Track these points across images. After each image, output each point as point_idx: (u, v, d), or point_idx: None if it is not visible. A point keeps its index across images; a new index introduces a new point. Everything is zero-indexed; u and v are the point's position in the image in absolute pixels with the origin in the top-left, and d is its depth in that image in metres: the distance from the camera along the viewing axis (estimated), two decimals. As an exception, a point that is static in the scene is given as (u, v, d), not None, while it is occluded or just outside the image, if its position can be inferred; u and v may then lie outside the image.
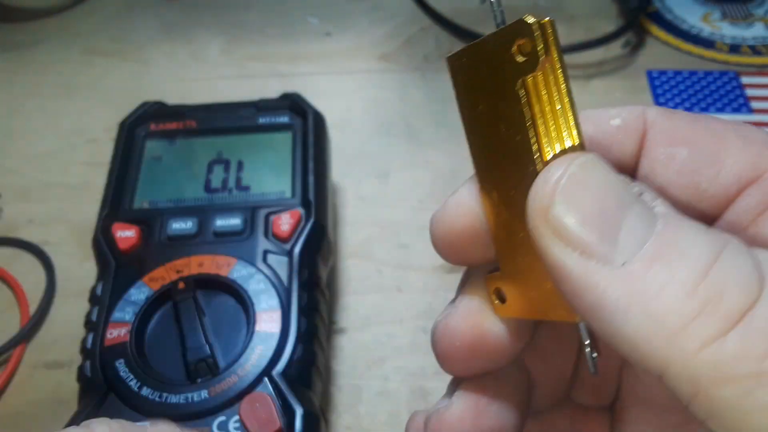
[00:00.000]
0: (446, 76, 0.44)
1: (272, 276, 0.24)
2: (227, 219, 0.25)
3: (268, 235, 0.25)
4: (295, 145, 0.28)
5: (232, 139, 0.29)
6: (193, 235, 0.25)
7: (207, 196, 0.27)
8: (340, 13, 0.43)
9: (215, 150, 0.29)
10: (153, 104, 0.30)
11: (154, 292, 0.23)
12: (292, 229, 0.25)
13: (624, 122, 0.14)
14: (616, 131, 0.14)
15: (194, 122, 0.29)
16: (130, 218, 0.26)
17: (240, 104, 0.30)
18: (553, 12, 0.42)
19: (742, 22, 0.41)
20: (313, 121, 0.29)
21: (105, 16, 0.44)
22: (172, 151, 0.29)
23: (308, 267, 0.25)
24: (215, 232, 0.25)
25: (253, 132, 0.29)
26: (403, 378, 0.27)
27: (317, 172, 0.27)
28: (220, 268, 0.24)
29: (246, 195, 0.27)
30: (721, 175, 0.13)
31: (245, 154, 0.28)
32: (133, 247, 0.25)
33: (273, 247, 0.25)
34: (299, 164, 0.28)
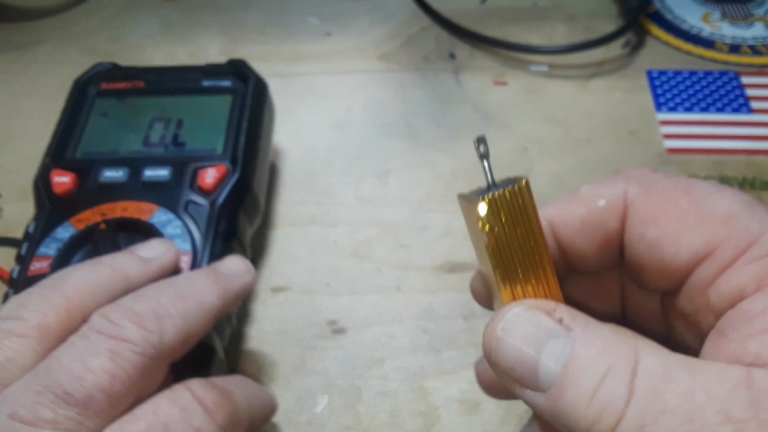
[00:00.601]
0: (446, 76, 0.44)
1: (191, 223, 0.26)
2: (156, 170, 0.27)
3: (193, 186, 0.27)
4: (233, 107, 0.30)
5: (176, 100, 0.31)
6: (123, 183, 0.27)
7: (144, 150, 0.29)
8: (341, 13, 0.43)
9: (158, 109, 0.31)
10: (107, 64, 0.33)
11: (78, 231, 0.26)
12: (215, 183, 0.27)
13: (608, 203, 0.17)
14: (602, 212, 0.17)
15: (143, 83, 0.31)
16: (69, 166, 0.28)
17: (187, 68, 0.32)
18: (553, 12, 0.43)
19: (742, 22, 0.41)
20: (254, 86, 0.31)
21: (105, 16, 0.44)
22: (119, 108, 0.31)
23: (227, 219, 0.27)
24: (144, 182, 0.27)
25: (196, 94, 0.31)
26: (403, 378, 0.27)
27: (249, 133, 0.29)
28: (141, 213, 0.26)
29: (180, 150, 0.29)
30: (680, 252, 0.15)
31: (186, 113, 0.30)
32: (67, 191, 0.27)
33: (196, 198, 0.27)
34: (234, 125, 0.29)
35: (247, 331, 0.28)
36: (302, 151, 0.35)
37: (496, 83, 0.38)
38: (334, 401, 0.26)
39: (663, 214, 0.16)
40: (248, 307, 0.29)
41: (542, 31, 0.41)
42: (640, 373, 0.14)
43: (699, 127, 0.35)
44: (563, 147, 0.35)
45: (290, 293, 0.29)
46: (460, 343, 0.27)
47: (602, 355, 0.14)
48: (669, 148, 0.34)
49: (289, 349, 0.28)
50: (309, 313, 0.29)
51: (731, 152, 0.34)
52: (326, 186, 0.34)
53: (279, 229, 0.32)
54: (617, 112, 0.36)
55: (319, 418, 0.26)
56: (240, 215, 0.28)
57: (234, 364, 0.27)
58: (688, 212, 0.15)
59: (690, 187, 0.16)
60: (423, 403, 0.26)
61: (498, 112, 0.37)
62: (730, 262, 0.15)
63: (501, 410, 0.25)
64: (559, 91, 0.38)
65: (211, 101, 0.31)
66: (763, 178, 0.33)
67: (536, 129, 0.36)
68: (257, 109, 0.31)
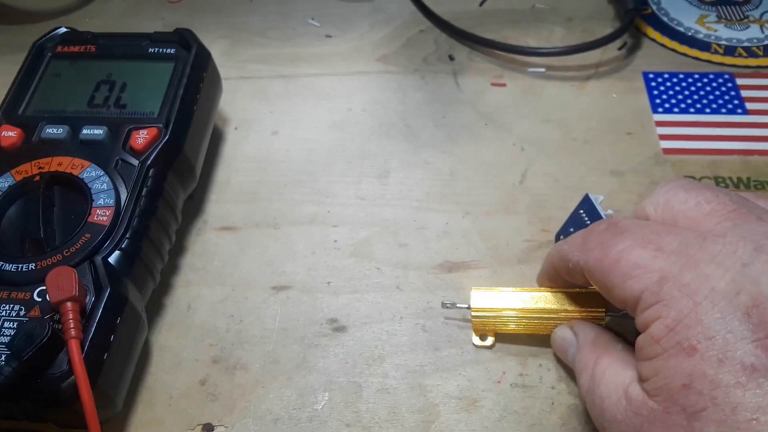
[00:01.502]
0: (445, 77, 0.44)
1: (118, 181, 0.28)
2: (93, 129, 0.29)
3: (125, 146, 0.29)
4: (174, 74, 0.32)
5: (123, 64, 0.33)
6: (62, 140, 0.29)
7: (87, 110, 0.31)
8: (341, 16, 0.44)
9: (106, 72, 0.32)
10: (64, 29, 0.34)
11: (16, 182, 0.28)
12: (146, 143, 0.29)
13: (573, 266, 0.24)
14: (573, 270, 0.24)
15: (94, 47, 0.33)
16: (17, 122, 0.30)
17: (137, 35, 0.34)
18: (550, 14, 0.43)
19: (737, 25, 0.42)
20: (195, 55, 0.33)
21: (109, 18, 0.45)
22: (70, 70, 0.33)
23: (154, 179, 0.28)
24: (81, 140, 0.29)
25: (142, 59, 0.33)
26: (402, 375, 0.27)
27: (185, 98, 0.31)
28: (74, 169, 0.28)
29: (120, 111, 0.31)
30: (614, 301, 0.22)
31: (130, 77, 0.32)
32: (12, 145, 0.29)
33: (127, 157, 0.29)
34: (173, 91, 0.31)
35: (249, 329, 0.29)
36: (303, 151, 0.36)
37: (494, 84, 0.39)
38: (335, 398, 0.26)
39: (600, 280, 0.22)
40: (185, 242, 0.29)
41: (540, 33, 0.42)
42: (596, 370, 0.23)
43: (694, 128, 0.36)
44: (560, 147, 0.35)
45: (291, 292, 0.30)
46: (459, 341, 0.28)
47: (583, 356, 0.24)
48: (665, 149, 0.35)
49: (290, 346, 0.28)
50: (310, 311, 0.29)
51: (726, 153, 0.34)
52: (327, 186, 0.34)
53: (280, 228, 0.32)
54: (614, 113, 0.37)
55: (319, 414, 0.26)
56: (170, 177, 0.29)
57: (236, 362, 0.28)
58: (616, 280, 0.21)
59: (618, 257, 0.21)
60: (422, 400, 0.26)
61: (496, 113, 0.37)
62: (639, 311, 0.20)
63: (499, 407, 0.26)
64: (557, 93, 0.38)
65: (154, 67, 0.32)
66: (757, 178, 0.33)
67: (534, 130, 0.36)
68: (196, 77, 0.32)
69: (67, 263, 0.25)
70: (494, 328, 0.27)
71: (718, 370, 0.17)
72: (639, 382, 0.20)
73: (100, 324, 0.24)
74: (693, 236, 0.20)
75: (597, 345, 0.23)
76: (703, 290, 0.18)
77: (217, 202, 0.34)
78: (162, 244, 0.28)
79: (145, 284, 0.27)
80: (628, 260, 0.20)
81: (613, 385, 0.21)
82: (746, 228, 0.19)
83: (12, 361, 0.22)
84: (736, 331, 0.18)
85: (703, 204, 0.21)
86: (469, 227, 0.32)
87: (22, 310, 0.24)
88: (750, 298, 0.18)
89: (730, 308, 0.18)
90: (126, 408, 0.26)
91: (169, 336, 0.29)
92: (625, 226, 0.21)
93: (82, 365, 0.22)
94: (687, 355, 0.18)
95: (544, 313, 0.26)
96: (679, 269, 0.19)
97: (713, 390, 0.17)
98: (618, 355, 0.22)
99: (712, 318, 0.18)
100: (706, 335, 0.18)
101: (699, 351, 0.18)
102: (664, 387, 0.18)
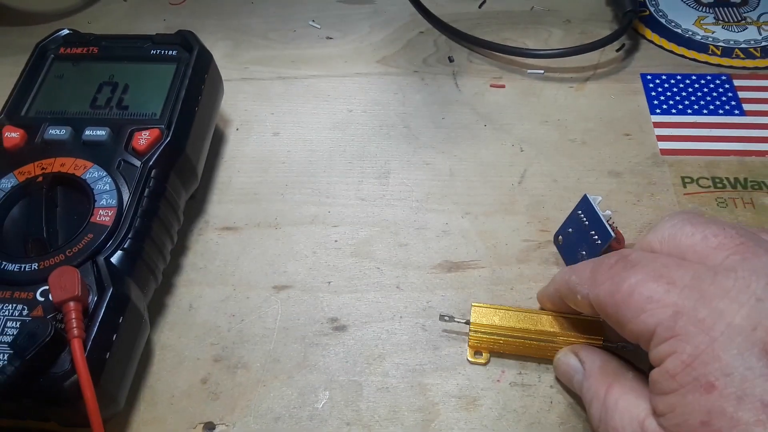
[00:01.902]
0: (444, 78, 0.45)
1: (120, 181, 0.28)
2: (95, 130, 0.30)
3: (128, 147, 0.29)
4: (176, 75, 0.32)
5: (125, 66, 0.33)
6: (65, 140, 0.29)
7: (89, 111, 0.31)
8: (341, 18, 0.44)
9: (108, 74, 0.33)
10: (67, 30, 0.35)
11: (19, 182, 0.28)
12: (148, 144, 0.29)
13: (582, 298, 0.24)
14: (582, 302, 0.24)
15: (97, 49, 0.34)
16: (20, 123, 0.30)
17: (139, 37, 0.34)
18: (549, 16, 0.43)
19: (734, 26, 0.42)
20: (197, 57, 0.33)
21: (112, 20, 0.45)
22: (73, 71, 0.33)
23: (156, 179, 0.28)
24: (84, 141, 0.29)
25: (144, 61, 0.33)
26: (402, 374, 0.27)
27: (187, 100, 0.31)
28: (76, 169, 0.28)
29: (122, 113, 0.31)
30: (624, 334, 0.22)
31: (132, 79, 0.32)
32: (15, 146, 0.29)
33: (129, 158, 0.29)
34: (175, 92, 0.31)
35: (250, 329, 0.29)
36: (304, 152, 0.36)
37: (493, 86, 0.39)
38: (335, 397, 0.27)
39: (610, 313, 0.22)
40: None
41: (538, 35, 0.42)
42: (608, 400, 0.22)
43: (692, 129, 0.36)
44: (559, 148, 0.35)
45: (292, 291, 0.30)
46: (458, 340, 0.28)
47: (593, 385, 0.24)
48: (663, 150, 0.35)
49: (291, 345, 0.28)
50: (311, 310, 0.29)
51: (724, 153, 0.35)
52: (327, 186, 0.34)
53: (281, 228, 0.33)
54: (612, 114, 0.37)
55: (320, 413, 0.26)
56: (172, 178, 0.29)
57: (237, 361, 0.28)
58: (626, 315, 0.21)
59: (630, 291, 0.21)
60: (422, 398, 0.26)
61: (495, 114, 0.37)
62: (654, 345, 0.20)
63: (498, 405, 0.26)
64: (555, 94, 0.38)
65: (156, 69, 0.33)
66: (754, 178, 0.33)
67: (532, 131, 0.36)
68: (197, 78, 0.32)
69: (69, 263, 0.25)
70: (490, 346, 0.27)
71: (737, 408, 0.17)
72: (654, 417, 0.20)
73: (103, 323, 0.24)
74: (704, 270, 0.20)
75: (606, 373, 0.23)
76: (719, 326, 0.18)
77: (219, 203, 0.34)
78: (164, 244, 0.29)
79: (147, 284, 0.27)
80: (640, 294, 0.20)
81: (628, 417, 0.21)
82: (756, 262, 0.19)
83: (15, 360, 0.22)
84: (754, 367, 0.18)
85: (710, 238, 0.21)
86: (469, 227, 0.32)
87: (25, 309, 0.24)
88: (767, 334, 0.18)
89: (747, 344, 0.18)
90: (128, 406, 0.26)
91: (170, 335, 0.29)
92: (635, 259, 0.21)
93: (84, 364, 0.22)
94: (705, 392, 0.18)
95: (543, 336, 0.26)
96: (693, 304, 0.19)
97: (733, 428, 0.17)
98: (630, 385, 0.22)
99: (729, 354, 0.18)
100: (724, 372, 0.18)
101: (717, 388, 0.18)
102: (683, 423, 0.18)
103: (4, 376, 0.22)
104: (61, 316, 0.23)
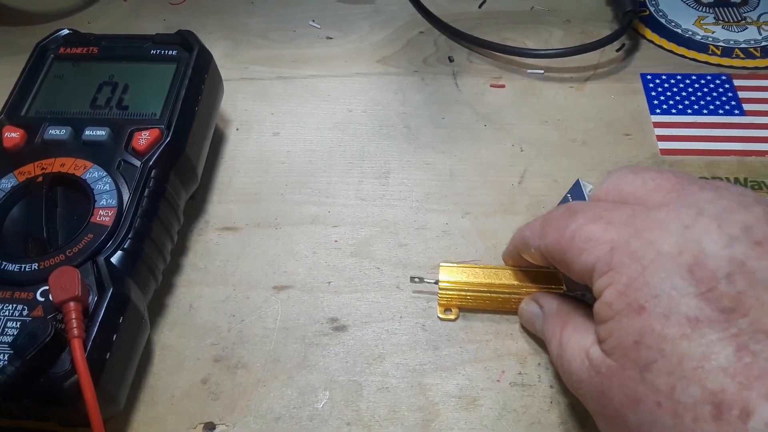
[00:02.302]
0: (444, 78, 0.45)
1: (121, 181, 0.28)
2: (95, 130, 0.30)
3: (128, 148, 0.29)
4: (176, 75, 0.32)
5: (125, 66, 0.33)
6: (65, 141, 0.29)
7: (89, 111, 0.31)
8: (341, 18, 0.44)
9: (108, 74, 0.33)
10: (67, 30, 0.35)
11: (19, 182, 0.28)
12: (148, 144, 0.29)
13: (535, 250, 0.25)
14: (536, 254, 0.26)
15: (97, 49, 0.34)
16: (20, 123, 0.30)
17: (139, 36, 0.34)
18: (549, 16, 0.43)
19: (734, 26, 0.42)
20: (197, 56, 0.33)
21: (112, 19, 0.45)
22: (73, 71, 0.33)
23: (156, 180, 0.28)
24: (84, 141, 0.29)
25: (143, 61, 0.33)
26: (402, 374, 0.27)
27: (187, 100, 0.31)
28: (76, 169, 0.28)
29: (122, 113, 0.31)
30: (572, 274, 0.23)
31: (132, 79, 0.32)
32: (15, 146, 0.29)
33: (129, 158, 0.29)
34: (174, 92, 0.31)
35: (250, 329, 0.29)
36: (304, 152, 0.36)
37: (493, 86, 0.39)
38: (335, 397, 0.27)
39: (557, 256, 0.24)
40: (186, 243, 0.30)
41: (538, 35, 0.42)
42: (562, 337, 0.24)
43: (692, 129, 0.36)
44: (559, 148, 0.35)
45: (293, 291, 0.30)
46: (458, 340, 0.28)
47: (550, 326, 0.25)
48: (663, 150, 0.35)
49: (291, 345, 0.28)
50: (311, 310, 0.29)
51: (724, 153, 0.35)
52: (327, 186, 0.34)
53: (281, 228, 0.33)
54: (612, 114, 0.37)
55: (320, 413, 0.26)
56: (171, 178, 0.29)
57: (237, 360, 0.28)
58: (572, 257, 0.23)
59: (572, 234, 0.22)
60: (422, 398, 0.26)
61: (495, 114, 0.37)
62: (595, 279, 0.21)
63: (498, 405, 0.26)
64: (555, 94, 0.38)
65: (156, 69, 0.33)
66: (754, 179, 0.33)
67: (532, 131, 0.36)
68: (197, 78, 0.32)
69: (69, 263, 0.25)
70: (459, 302, 0.28)
71: (665, 325, 0.19)
72: (598, 344, 0.21)
73: (103, 323, 0.24)
74: (640, 209, 0.21)
75: (561, 314, 0.25)
76: (649, 254, 0.20)
77: (219, 203, 0.34)
78: (164, 244, 0.29)
79: (148, 284, 0.27)
80: (581, 237, 0.22)
81: (577, 348, 0.22)
82: (689, 197, 0.21)
83: (15, 360, 0.22)
84: (679, 287, 0.19)
85: (649, 181, 0.22)
86: (469, 227, 0.32)
87: (25, 309, 0.24)
88: (692, 257, 0.19)
89: (673, 267, 0.19)
90: (128, 407, 0.26)
91: (171, 335, 0.29)
92: (578, 207, 0.23)
93: (84, 364, 0.22)
94: (637, 314, 0.19)
95: (507, 289, 0.28)
96: (627, 238, 0.20)
97: (661, 343, 0.19)
98: (581, 321, 0.24)
99: (657, 278, 0.19)
100: (653, 294, 0.19)
101: (647, 309, 0.19)
102: (618, 346, 0.20)
103: (4, 376, 0.22)
104: (61, 317, 0.23)
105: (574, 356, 0.22)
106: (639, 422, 0.19)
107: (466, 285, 0.28)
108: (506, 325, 0.28)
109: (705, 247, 0.19)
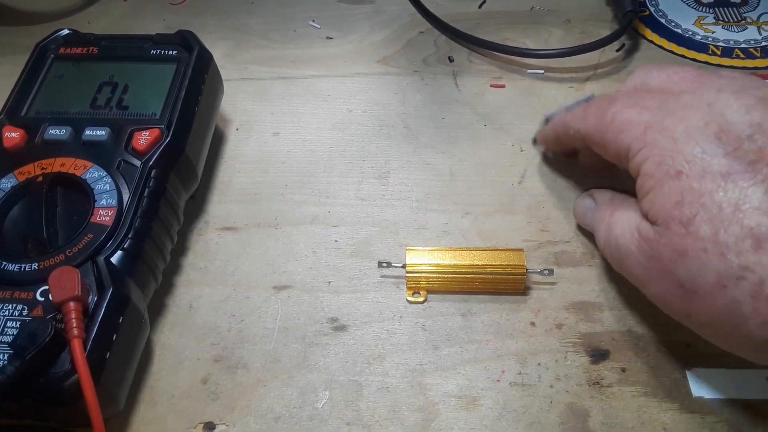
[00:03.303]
0: (444, 78, 0.45)
1: (121, 181, 0.28)
2: (95, 130, 0.30)
3: (128, 147, 0.29)
4: (176, 75, 0.32)
5: (125, 66, 0.33)
6: (65, 140, 0.29)
7: (89, 111, 0.31)
8: (341, 18, 0.44)
9: (108, 74, 0.33)
10: (67, 30, 0.35)
11: (19, 182, 0.28)
12: (148, 144, 0.29)
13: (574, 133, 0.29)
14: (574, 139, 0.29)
15: (96, 49, 0.34)
16: (20, 123, 0.30)
17: (139, 36, 0.34)
18: (549, 16, 0.43)
19: (734, 26, 0.42)
20: (197, 57, 0.33)
21: (112, 19, 0.45)
22: (73, 71, 0.33)
23: (156, 179, 0.29)
24: (84, 141, 0.29)
25: (143, 61, 0.33)
26: (402, 374, 0.27)
27: (187, 100, 0.31)
28: (76, 169, 0.28)
29: (122, 113, 0.31)
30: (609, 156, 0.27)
31: (132, 79, 0.32)
32: (15, 146, 0.29)
33: (129, 158, 0.29)
34: (175, 92, 0.31)
35: (250, 329, 0.29)
36: (304, 152, 0.36)
37: (493, 86, 0.39)
38: (335, 397, 0.27)
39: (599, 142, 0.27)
40: (186, 242, 0.30)
41: (538, 35, 0.42)
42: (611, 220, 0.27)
43: (692, 129, 0.36)
44: (559, 148, 0.35)
45: (293, 291, 0.30)
46: (458, 340, 0.28)
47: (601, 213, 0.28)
48: (663, 150, 0.35)
49: (291, 345, 0.28)
50: (311, 310, 0.29)
51: (724, 153, 0.35)
52: (327, 186, 0.34)
53: (281, 228, 0.33)
54: (612, 114, 0.37)
55: (320, 413, 0.26)
56: (171, 178, 0.29)
57: (237, 360, 0.28)
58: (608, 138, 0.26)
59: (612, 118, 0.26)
60: (422, 398, 0.26)
61: (495, 114, 0.37)
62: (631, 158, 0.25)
63: (498, 405, 0.26)
64: (555, 94, 0.38)
65: (156, 69, 0.33)
66: (754, 178, 0.33)
67: (532, 131, 0.36)
68: (197, 78, 0.33)
69: (69, 263, 0.25)
70: (427, 285, 0.29)
71: (701, 183, 0.22)
72: (644, 219, 0.24)
73: (103, 323, 0.24)
74: (670, 95, 0.25)
75: (613, 202, 0.27)
76: (680, 128, 0.23)
77: (219, 203, 0.34)
78: (164, 244, 0.29)
79: (147, 284, 0.27)
80: (620, 120, 0.25)
81: (627, 225, 0.25)
82: (710, 83, 0.24)
83: (15, 360, 0.22)
84: (710, 151, 0.22)
85: (673, 75, 0.26)
86: (469, 227, 0.32)
87: (25, 309, 0.24)
88: (717, 126, 0.22)
89: (702, 136, 0.22)
90: (128, 407, 0.26)
91: (171, 335, 0.29)
92: (616, 96, 0.27)
93: (84, 364, 0.22)
94: (675, 179, 0.22)
95: (472, 269, 0.28)
96: (659, 119, 0.24)
97: (701, 198, 0.21)
98: (629, 205, 0.26)
99: (689, 146, 0.22)
100: (687, 159, 0.22)
101: (683, 173, 0.22)
102: (662, 210, 0.22)
103: (4, 376, 0.22)
104: (61, 316, 0.23)
105: (624, 232, 0.25)
106: (688, 272, 0.21)
107: (432, 267, 0.29)
108: (506, 325, 0.28)
109: (727, 116, 0.22)
